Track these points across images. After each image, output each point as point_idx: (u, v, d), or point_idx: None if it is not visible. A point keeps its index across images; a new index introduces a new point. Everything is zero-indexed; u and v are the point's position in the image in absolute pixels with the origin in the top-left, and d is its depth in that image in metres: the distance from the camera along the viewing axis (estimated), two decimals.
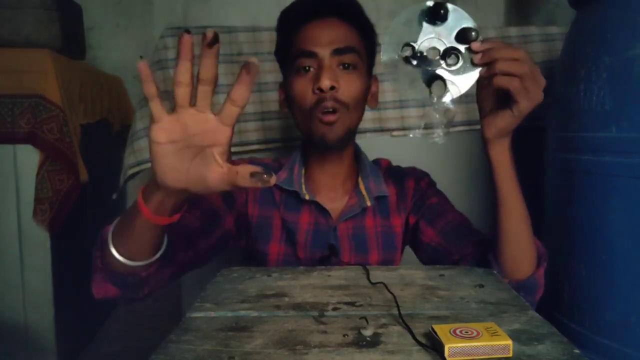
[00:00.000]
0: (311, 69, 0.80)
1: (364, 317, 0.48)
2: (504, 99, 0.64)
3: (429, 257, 0.87)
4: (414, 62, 0.63)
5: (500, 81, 0.61)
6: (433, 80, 0.64)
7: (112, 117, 1.79)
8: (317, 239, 0.85)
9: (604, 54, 0.87)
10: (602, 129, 0.88)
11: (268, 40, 1.33)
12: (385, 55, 0.65)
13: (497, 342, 0.41)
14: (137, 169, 1.29)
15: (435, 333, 0.43)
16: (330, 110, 0.79)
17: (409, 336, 0.45)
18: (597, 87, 0.88)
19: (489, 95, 0.67)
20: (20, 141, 1.31)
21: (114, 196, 1.40)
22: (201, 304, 0.55)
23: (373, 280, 0.61)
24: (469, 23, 0.63)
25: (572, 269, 0.96)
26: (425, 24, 0.63)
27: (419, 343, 0.44)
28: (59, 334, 1.39)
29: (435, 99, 0.64)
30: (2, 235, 1.35)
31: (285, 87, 0.87)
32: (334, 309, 0.52)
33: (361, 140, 0.94)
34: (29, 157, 1.33)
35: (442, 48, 0.63)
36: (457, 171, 1.40)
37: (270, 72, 1.34)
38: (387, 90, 1.33)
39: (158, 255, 0.62)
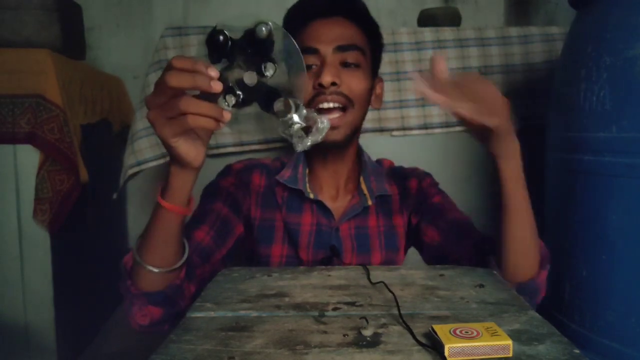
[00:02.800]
0: (314, 67, 0.80)
1: (364, 317, 0.48)
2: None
3: (431, 257, 0.87)
4: (243, 101, 0.56)
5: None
6: (271, 100, 0.56)
7: (112, 117, 1.79)
8: (320, 240, 0.85)
9: (605, 54, 0.87)
10: (602, 129, 0.88)
11: None
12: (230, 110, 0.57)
13: (497, 342, 0.41)
14: (137, 169, 1.29)
15: (435, 333, 0.43)
16: (332, 106, 0.79)
17: (409, 336, 0.45)
18: (597, 87, 0.88)
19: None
20: (21, 141, 1.31)
21: (114, 196, 1.40)
22: (201, 303, 0.55)
23: (373, 280, 0.61)
24: (248, 22, 0.55)
25: (573, 269, 0.96)
26: (218, 60, 0.55)
27: (419, 343, 0.43)
28: (59, 334, 1.39)
29: (285, 116, 0.56)
30: (2, 235, 1.35)
31: None
32: (334, 309, 0.52)
33: (361, 140, 0.94)
34: (29, 157, 1.33)
35: (252, 66, 0.55)
36: (457, 171, 1.40)
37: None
38: (387, 90, 1.33)
39: (185, 257, 0.67)
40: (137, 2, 2.05)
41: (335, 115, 0.80)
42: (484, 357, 0.41)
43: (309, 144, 0.58)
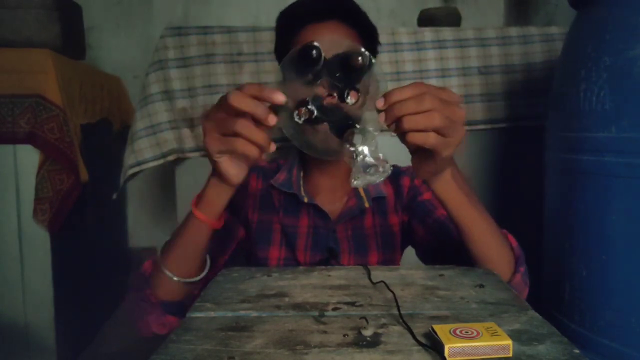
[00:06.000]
0: None
1: (364, 317, 0.48)
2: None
3: (424, 255, 0.87)
4: (315, 119, 0.54)
5: (414, 139, 0.53)
6: (345, 128, 0.54)
7: (112, 117, 1.79)
8: (317, 242, 0.85)
9: (604, 54, 0.87)
10: (602, 129, 0.88)
11: (268, 40, 1.33)
12: (284, 127, 0.56)
13: (497, 342, 0.41)
14: (137, 169, 1.29)
15: (435, 333, 0.42)
16: None
17: (409, 336, 0.45)
18: (597, 87, 0.88)
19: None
20: (21, 141, 1.32)
21: (114, 196, 1.40)
22: (201, 303, 0.55)
23: (373, 280, 0.61)
24: (350, 47, 0.54)
25: (573, 269, 0.96)
26: (304, 74, 0.54)
27: (419, 343, 0.43)
28: (59, 334, 1.39)
29: (354, 149, 0.54)
30: (2, 235, 1.35)
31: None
32: (334, 309, 0.52)
33: None
34: (29, 157, 1.33)
35: (335, 89, 0.53)
36: None
37: (271, 72, 1.34)
38: None
39: (206, 270, 0.69)
40: (137, 2, 2.05)
41: None
42: (484, 357, 0.41)
43: (363, 183, 0.56)
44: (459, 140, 0.55)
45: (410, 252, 0.93)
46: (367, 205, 0.86)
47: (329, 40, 0.79)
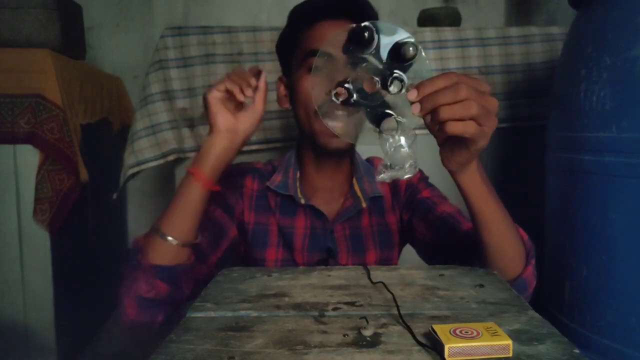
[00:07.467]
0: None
1: (364, 317, 0.48)
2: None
3: (426, 253, 0.87)
4: (353, 102, 0.54)
5: (453, 129, 0.52)
6: (382, 116, 0.53)
7: (112, 117, 1.79)
8: (314, 243, 0.85)
9: (605, 54, 0.87)
10: (602, 129, 0.88)
11: (268, 40, 1.33)
12: (318, 105, 0.55)
13: (497, 342, 0.41)
14: (137, 169, 1.29)
15: (435, 333, 0.42)
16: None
17: (409, 336, 0.45)
18: (597, 87, 0.88)
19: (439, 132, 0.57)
20: (20, 141, 1.31)
21: (114, 196, 1.40)
22: (201, 303, 0.55)
23: (373, 280, 0.61)
24: (401, 35, 0.52)
25: (573, 269, 0.96)
26: (351, 54, 0.53)
27: (419, 343, 0.43)
28: (59, 334, 1.39)
29: (389, 138, 0.54)
30: (2, 235, 1.35)
31: (289, 83, 0.86)
32: (334, 309, 0.52)
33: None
34: (29, 157, 1.33)
35: (379, 75, 0.53)
36: None
37: (271, 72, 1.34)
38: None
39: (199, 237, 0.74)
40: (137, 2, 2.05)
41: None
42: (484, 357, 0.41)
43: (388, 177, 0.55)
44: (493, 130, 0.55)
45: (411, 252, 0.93)
46: (364, 205, 0.86)
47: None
